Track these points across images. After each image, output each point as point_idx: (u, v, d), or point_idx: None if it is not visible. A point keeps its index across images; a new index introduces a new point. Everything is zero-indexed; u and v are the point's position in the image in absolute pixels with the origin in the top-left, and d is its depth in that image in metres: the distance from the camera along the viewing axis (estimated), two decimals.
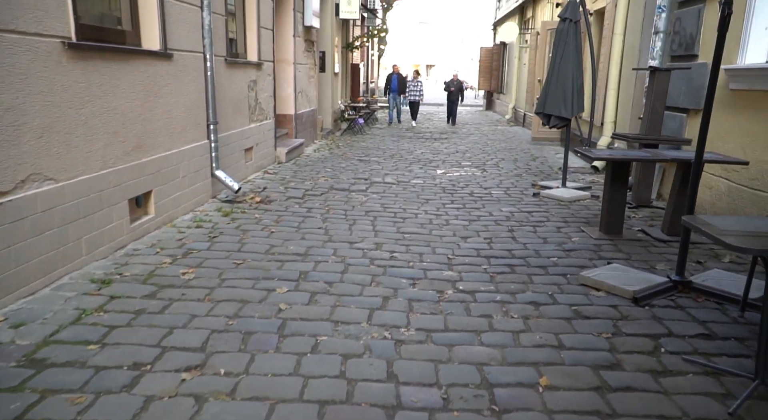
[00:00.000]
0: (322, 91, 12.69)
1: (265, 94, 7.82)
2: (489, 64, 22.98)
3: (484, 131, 15.03)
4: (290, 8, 9.14)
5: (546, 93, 6.62)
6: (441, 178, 7.88)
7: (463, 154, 10.46)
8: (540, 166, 9.08)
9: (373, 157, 9.74)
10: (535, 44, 14.35)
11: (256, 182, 7.05)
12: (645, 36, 7.18)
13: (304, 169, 8.20)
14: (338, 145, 11.17)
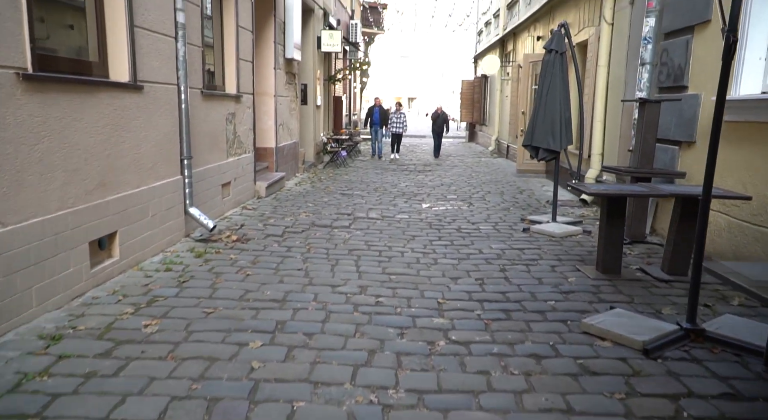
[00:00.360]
0: (304, 123, 12.49)
1: (244, 127, 7.55)
2: (471, 96, 23.15)
3: (468, 163, 14.92)
4: (271, 41, 8.97)
5: (533, 125, 6.46)
6: (427, 213, 7.62)
7: (448, 187, 10.25)
8: (527, 200, 8.89)
9: (357, 191, 9.48)
10: (517, 77, 14.41)
11: (234, 219, 6.70)
12: (630, 67, 7.12)
13: (285, 204, 7.89)
14: (321, 179, 10.89)
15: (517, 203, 8.53)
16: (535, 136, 6.43)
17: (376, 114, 15.97)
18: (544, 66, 6.37)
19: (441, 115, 16.73)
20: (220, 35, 6.87)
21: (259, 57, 8.83)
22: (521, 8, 14.51)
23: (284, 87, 9.91)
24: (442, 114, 16.81)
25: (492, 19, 19.49)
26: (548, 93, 6.29)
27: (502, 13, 17.08)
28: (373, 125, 15.93)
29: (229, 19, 6.86)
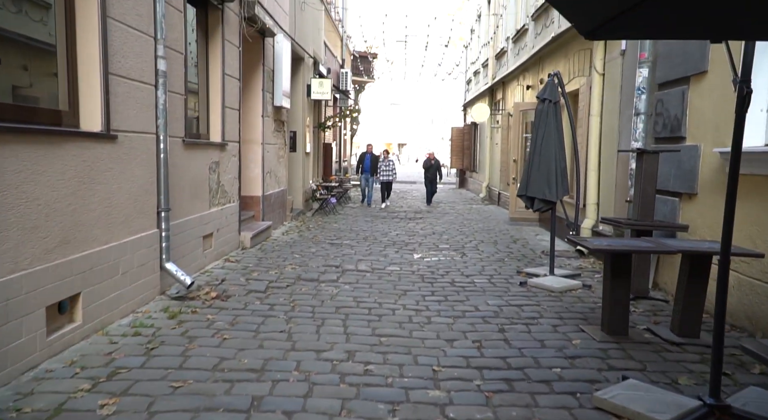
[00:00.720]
0: (292, 170, 12.30)
1: (229, 176, 7.29)
2: (460, 143, 23.27)
3: (459, 210, 14.73)
4: (259, 88, 8.86)
5: (528, 175, 6.26)
6: (418, 264, 7.30)
7: (440, 236, 9.97)
8: (522, 250, 8.61)
9: (346, 240, 9.16)
10: (507, 125, 14.45)
11: (215, 273, 6.33)
12: (624, 117, 7.02)
13: (270, 255, 7.54)
14: (309, 227, 10.59)
15: (511, 254, 8.24)
16: (531, 186, 6.22)
17: (366, 161, 15.59)
18: (537, 115, 6.23)
19: (434, 163, 16.37)
20: (205, 83, 6.70)
21: (246, 104, 8.69)
22: (510, 58, 14.70)
23: (272, 134, 9.74)
24: (434, 161, 16.45)
25: (481, 68, 19.81)
26: (543, 142, 6.12)
27: (490, 63, 17.34)
28: (364, 172, 15.58)
29: (215, 66, 6.72)
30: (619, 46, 7.16)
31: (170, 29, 5.24)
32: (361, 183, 15.77)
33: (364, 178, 15.60)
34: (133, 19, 4.50)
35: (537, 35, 11.57)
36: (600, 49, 7.71)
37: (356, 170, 16.16)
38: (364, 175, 15.57)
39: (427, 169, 16.37)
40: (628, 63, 6.96)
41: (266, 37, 8.80)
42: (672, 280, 5.60)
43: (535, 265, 7.36)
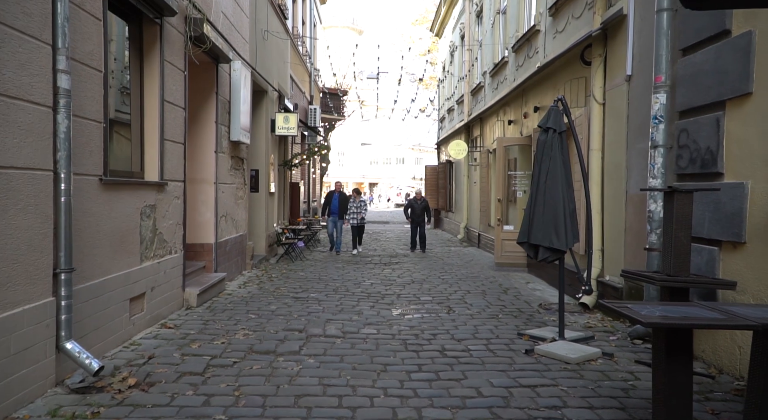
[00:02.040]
0: (254, 213, 11.07)
1: (170, 222, 6.05)
2: (435, 182, 22.45)
3: (438, 253, 13.63)
4: (212, 120, 7.73)
5: (531, 219, 5.22)
6: (399, 324, 6.11)
7: (420, 285, 8.81)
8: (515, 302, 7.51)
9: (313, 293, 7.91)
10: (487, 162, 13.61)
11: (143, 346, 5.01)
12: (633, 152, 6.11)
13: (220, 316, 6.23)
14: (271, 277, 9.29)
15: (504, 308, 7.12)
16: (534, 232, 5.17)
17: (334, 201, 13.32)
18: (540, 148, 5.24)
19: (421, 202, 14.20)
20: (139, 110, 5.54)
21: (195, 138, 7.54)
22: (487, 94, 14.01)
23: (228, 173, 8.56)
24: (421, 200, 14.27)
25: (455, 105, 19.19)
26: (547, 180, 5.12)
27: (466, 100, 16.68)
28: (332, 214, 13.30)
29: (152, 91, 5.58)
30: (623, 72, 6.33)
31: (82, 39, 4.11)
32: (328, 227, 13.43)
33: (331, 222, 13.31)
34: (14, 17, 3.35)
35: (519, 67, 10.85)
36: (599, 76, 6.88)
37: (323, 212, 14.33)
38: (332, 217, 13.33)
39: (412, 208, 14.06)
40: (636, 89, 6.11)
41: (220, 62, 7.74)
42: (713, 347, 4.54)
43: (536, 323, 6.25)
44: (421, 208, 14.02)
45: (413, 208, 14.04)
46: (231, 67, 8.36)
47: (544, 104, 9.43)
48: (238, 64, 8.44)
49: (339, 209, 13.20)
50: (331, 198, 13.46)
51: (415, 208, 14.02)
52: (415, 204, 14.13)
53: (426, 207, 14.13)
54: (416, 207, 14.01)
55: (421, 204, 14.12)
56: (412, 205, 14.15)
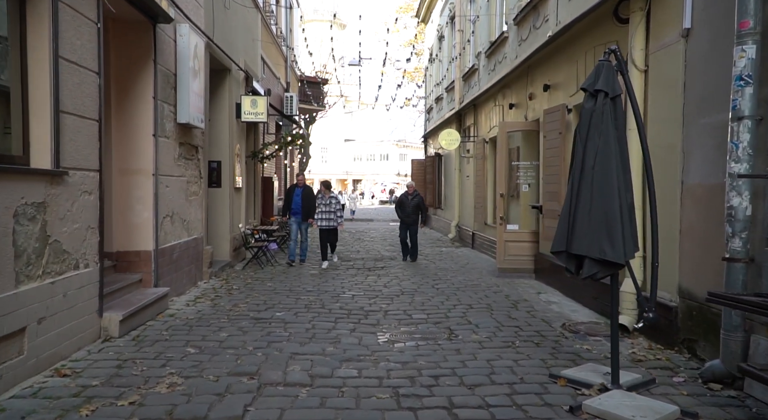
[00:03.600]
0: (216, 212, 9.46)
1: (75, 226, 4.44)
2: (422, 177, 20.94)
3: (428, 255, 12.14)
4: (148, 95, 6.11)
5: (571, 219, 3.73)
6: (387, 359, 4.59)
7: (411, 297, 7.30)
8: (530, 320, 6.03)
9: (279, 311, 6.36)
10: (483, 153, 12.14)
11: (13, 408, 3.41)
12: (694, 129, 4.66)
13: (146, 352, 4.64)
14: (231, 289, 7.69)
15: (519, 330, 5.64)
16: (577, 238, 3.68)
17: (296, 198, 10.33)
18: (585, 120, 3.74)
19: (413, 197, 11.12)
20: (19, 69, 3.92)
21: (125, 117, 5.93)
22: (482, 77, 12.52)
23: (175, 163, 6.95)
24: (413, 195, 11.18)
25: (444, 93, 17.69)
26: (596, 164, 3.63)
27: (457, 86, 15.18)
28: (293, 215, 10.37)
29: (38, 43, 3.97)
30: (676, 26, 4.86)
31: None
32: (291, 232, 10.47)
33: (293, 224, 10.42)
34: None
35: (522, 41, 9.37)
36: (639, 37, 5.41)
37: (282, 212, 11.18)
38: (293, 218, 10.41)
39: (402, 206, 11.08)
40: (698, 46, 4.64)
41: (159, 22, 6.12)
42: None
43: (567, 354, 4.77)
44: (414, 206, 11.02)
45: (403, 205, 11.12)
46: (176, 32, 6.75)
47: (556, 81, 7.96)
48: (186, 29, 6.82)
49: (303, 208, 10.26)
50: (291, 194, 10.54)
51: (406, 205, 11.08)
52: (405, 200, 11.17)
53: (419, 204, 11.09)
54: (407, 204, 11.06)
55: (413, 200, 11.07)
56: (402, 202, 11.21)
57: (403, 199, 11.30)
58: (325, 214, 10.28)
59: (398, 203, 11.32)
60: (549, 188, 7.77)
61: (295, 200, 10.37)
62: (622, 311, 5.39)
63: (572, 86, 7.30)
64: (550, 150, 7.71)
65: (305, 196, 10.32)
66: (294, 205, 10.36)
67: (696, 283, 4.61)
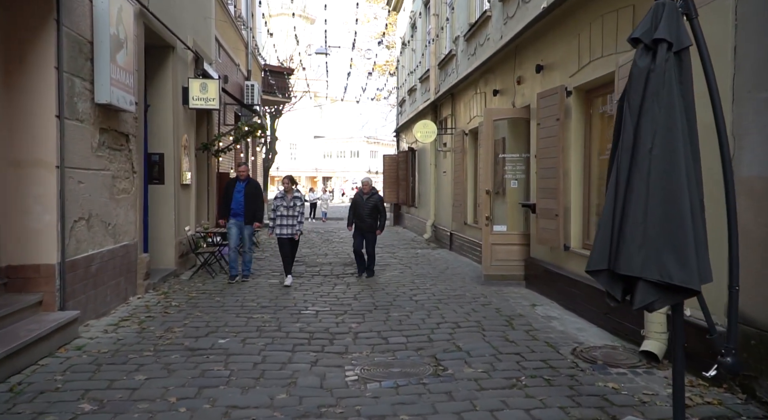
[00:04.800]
0: (158, 212, 8.14)
1: None
2: (395, 173, 19.82)
3: (402, 258, 11.00)
4: (48, 65, 4.77)
5: (616, 227, 2.62)
6: (357, 413, 3.42)
7: (386, 313, 6.14)
8: (533, 344, 4.94)
9: (221, 337, 5.11)
10: (461, 147, 11.07)
11: None
12: (750, 106, 3.63)
13: (15, 416, 3.35)
14: (169, 306, 6.39)
15: (522, 359, 4.54)
16: (626, 252, 2.56)
17: (237, 196, 8.06)
18: (637, 84, 2.61)
19: (369, 196, 8.69)
20: None
21: (13, 92, 4.58)
22: (460, 63, 11.44)
23: (94, 153, 5.61)
24: (370, 194, 8.72)
25: (418, 84, 16.58)
26: (655, 147, 2.52)
27: (432, 74, 14.08)
28: (234, 216, 8.10)
29: None
30: None
31: None
32: (230, 237, 8.17)
33: (233, 227, 8.12)
34: None
35: (509, 19, 8.29)
36: None
37: (218, 213, 8.78)
38: (234, 220, 8.11)
39: (357, 206, 8.70)
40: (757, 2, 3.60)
41: None
42: None
43: (590, 396, 3.68)
44: (371, 208, 8.58)
45: (357, 207, 8.69)
46: None
47: (551, 60, 6.90)
48: None
49: (247, 208, 8.04)
50: (231, 190, 8.12)
51: (360, 206, 8.63)
52: (360, 200, 8.69)
53: (377, 205, 8.61)
54: (362, 205, 8.62)
55: (369, 200, 8.62)
56: (356, 203, 8.78)
57: (357, 199, 8.77)
58: (285, 219, 7.88)
59: (351, 204, 8.92)
60: (544, 184, 6.71)
61: (235, 198, 8.07)
62: (649, 335, 4.34)
63: (572, 64, 6.25)
64: (546, 140, 6.65)
65: (250, 193, 8.08)
66: (234, 203, 8.08)
67: (754, 303, 3.59)
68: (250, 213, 8.10)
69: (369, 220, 8.64)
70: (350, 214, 8.91)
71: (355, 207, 8.81)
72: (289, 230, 7.92)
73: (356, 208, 8.75)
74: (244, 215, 8.08)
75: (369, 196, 8.75)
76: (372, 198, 8.73)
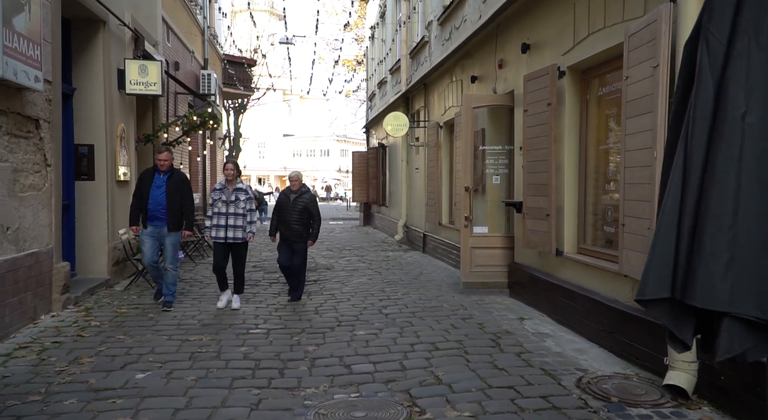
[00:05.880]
0: (86, 213, 7.03)
1: None
2: (364, 171, 18.82)
3: (372, 262, 10.06)
4: None
5: (685, 235, 1.71)
6: None
7: (350, 331, 5.17)
8: (526, 372, 4.04)
9: (141, 370, 4.07)
10: (435, 141, 10.17)
11: None
12: None
13: None
14: (87, 327, 5.27)
15: (517, 395, 3.63)
16: (701, 273, 1.65)
17: (156, 193, 6.07)
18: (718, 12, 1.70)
19: (302, 196, 6.61)
20: None
21: None
22: (434, 50, 10.55)
23: None
24: (299, 192, 6.62)
25: (388, 76, 15.64)
26: (750, 114, 1.61)
27: (403, 65, 13.15)
28: (151, 221, 6.10)
29: None
30: None
31: None
32: (145, 249, 6.16)
33: (148, 238, 6.12)
34: None
35: None
36: None
37: (131, 218, 6.27)
38: (151, 227, 6.11)
39: (282, 208, 6.62)
40: None
41: None
42: None
43: None
44: (300, 211, 6.51)
45: (282, 209, 6.62)
46: None
47: (539, 38, 6.04)
48: None
49: (170, 209, 6.01)
50: (148, 185, 6.08)
51: (286, 208, 6.56)
52: (285, 200, 6.62)
53: (308, 208, 6.55)
54: (287, 207, 6.56)
55: (298, 201, 6.54)
56: (280, 204, 6.67)
57: (281, 200, 6.67)
58: (224, 218, 6.09)
59: (276, 207, 6.76)
60: (533, 179, 5.84)
61: (153, 196, 5.99)
62: (675, 364, 3.49)
63: (566, 40, 5.39)
64: (535, 128, 5.78)
65: (173, 189, 6.04)
66: (152, 203, 6.00)
67: None
68: (174, 216, 6.05)
69: (297, 227, 6.52)
70: (273, 220, 6.80)
71: (279, 210, 6.66)
72: (230, 233, 6.10)
73: (281, 212, 6.63)
74: (167, 219, 6.02)
75: (297, 196, 6.58)
76: (301, 198, 6.57)
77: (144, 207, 6.08)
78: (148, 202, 6.05)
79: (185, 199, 6.20)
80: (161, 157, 6.17)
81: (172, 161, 6.30)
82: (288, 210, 6.57)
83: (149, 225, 6.11)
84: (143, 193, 6.10)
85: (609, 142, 5.04)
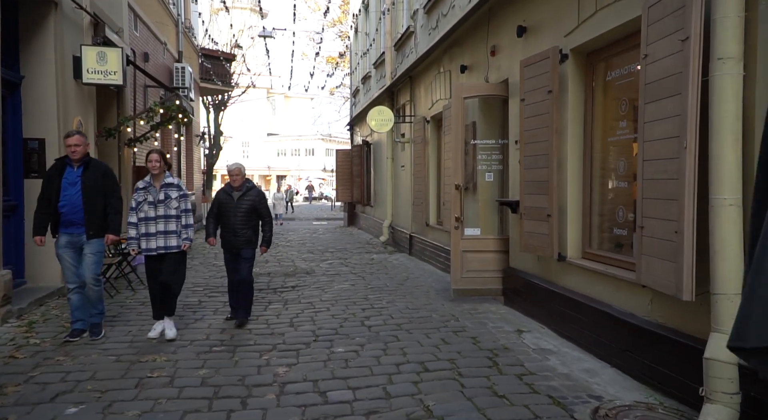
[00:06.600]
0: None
1: None
2: (348, 169, 18.17)
3: (355, 266, 9.43)
4: None
5: None
6: None
7: (329, 348, 4.54)
8: (531, 400, 3.46)
9: (74, 402, 3.41)
10: (422, 136, 9.57)
11: None
12: None
13: None
14: (24, 346, 4.58)
15: None
16: None
17: (69, 192, 4.69)
18: None
19: (247, 193, 5.43)
20: None
21: None
22: (420, 40, 9.96)
23: None
24: (244, 189, 5.43)
25: (372, 70, 15.02)
26: None
27: (388, 57, 12.55)
28: (64, 228, 4.74)
29: None
30: None
31: None
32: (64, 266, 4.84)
33: (66, 249, 4.77)
34: None
35: None
36: None
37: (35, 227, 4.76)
38: (65, 235, 4.76)
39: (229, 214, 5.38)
40: None
41: None
42: None
43: None
44: (245, 211, 5.39)
45: (223, 209, 5.44)
46: None
47: (537, 19, 5.46)
48: None
49: (88, 212, 4.72)
50: (56, 182, 4.71)
51: (229, 209, 5.39)
52: (227, 199, 5.44)
53: (256, 207, 5.42)
54: (231, 208, 5.39)
55: (243, 200, 5.41)
56: (221, 202, 5.46)
57: (221, 198, 5.46)
58: (153, 224, 4.81)
59: (213, 204, 5.57)
60: (532, 176, 5.26)
61: (65, 195, 4.69)
62: (713, 396, 2.91)
63: (569, 19, 4.81)
64: (533, 119, 5.20)
65: (91, 186, 4.73)
66: (63, 205, 4.70)
67: None
68: (95, 220, 4.73)
69: (245, 232, 5.37)
70: (210, 221, 5.50)
71: (221, 213, 5.44)
72: (162, 242, 4.81)
73: (223, 215, 5.42)
74: (85, 224, 4.72)
75: (242, 194, 5.40)
76: (247, 196, 5.40)
77: (54, 211, 4.69)
78: (59, 204, 4.68)
79: (109, 196, 4.81)
80: (70, 141, 4.66)
81: (87, 148, 4.87)
82: (231, 212, 5.35)
83: (63, 233, 4.75)
84: (52, 194, 4.68)
85: (619, 133, 4.47)
